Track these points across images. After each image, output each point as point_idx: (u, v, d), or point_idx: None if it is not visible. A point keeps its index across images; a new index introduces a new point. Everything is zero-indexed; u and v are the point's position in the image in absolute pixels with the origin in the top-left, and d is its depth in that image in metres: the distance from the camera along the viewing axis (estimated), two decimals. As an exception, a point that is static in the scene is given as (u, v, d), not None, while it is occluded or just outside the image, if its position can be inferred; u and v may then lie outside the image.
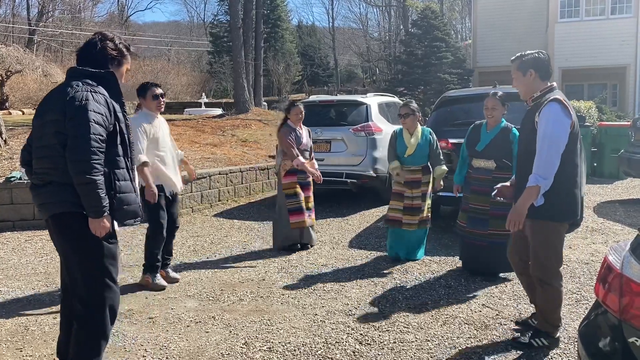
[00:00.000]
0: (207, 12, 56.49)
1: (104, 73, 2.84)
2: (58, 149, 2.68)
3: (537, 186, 3.10)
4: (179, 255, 5.80)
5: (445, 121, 6.77)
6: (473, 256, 4.95)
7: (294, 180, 5.83)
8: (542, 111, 3.16)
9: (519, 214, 3.17)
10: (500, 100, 4.76)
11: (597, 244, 5.93)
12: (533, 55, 3.34)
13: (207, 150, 11.35)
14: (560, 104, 3.15)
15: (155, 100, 4.72)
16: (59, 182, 2.72)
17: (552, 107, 3.14)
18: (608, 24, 18.69)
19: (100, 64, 2.85)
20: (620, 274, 2.06)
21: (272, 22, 37.04)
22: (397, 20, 42.40)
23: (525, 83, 3.34)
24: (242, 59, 17.75)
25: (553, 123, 3.10)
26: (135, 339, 3.67)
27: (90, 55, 2.86)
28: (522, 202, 3.15)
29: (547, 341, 3.39)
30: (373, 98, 9.02)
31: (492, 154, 4.81)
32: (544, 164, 3.09)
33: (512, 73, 3.42)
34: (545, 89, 3.30)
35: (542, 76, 3.31)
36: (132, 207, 2.87)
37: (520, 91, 3.41)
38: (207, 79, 34.65)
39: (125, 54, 2.96)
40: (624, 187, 10.29)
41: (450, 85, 21.23)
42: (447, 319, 3.96)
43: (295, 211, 5.80)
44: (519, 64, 3.35)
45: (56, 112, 2.70)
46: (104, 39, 2.90)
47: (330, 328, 3.81)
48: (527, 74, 3.31)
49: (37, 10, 34.57)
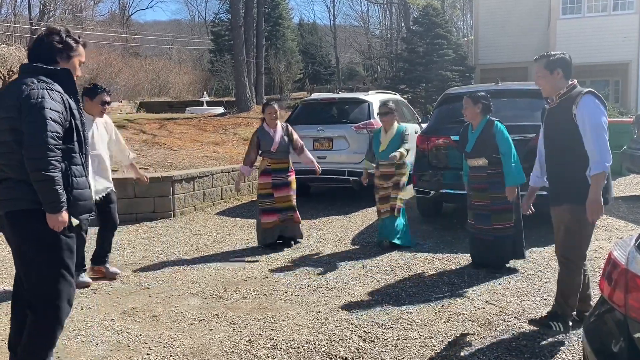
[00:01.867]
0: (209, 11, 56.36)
1: (58, 70, 2.84)
2: (13, 146, 2.70)
3: (602, 172, 3.27)
4: (181, 254, 5.81)
5: (447, 118, 6.77)
6: (481, 251, 5.05)
7: (268, 181, 5.87)
8: (581, 103, 3.35)
9: (597, 204, 3.29)
10: (471, 99, 4.90)
11: (600, 241, 5.92)
12: (560, 55, 3.52)
13: (209, 149, 11.37)
14: (595, 95, 3.38)
15: (102, 106, 4.73)
16: (15, 178, 2.74)
17: (590, 98, 3.37)
18: (610, 20, 18.64)
19: (48, 59, 2.85)
20: (626, 270, 2.06)
21: (274, 21, 36.99)
22: (398, 18, 42.31)
23: (551, 81, 3.50)
24: (243, 57, 17.76)
25: (597, 112, 3.33)
26: (139, 337, 3.67)
27: (39, 51, 2.87)
28: (595, 192, 3.29)
29: (562, 326, 3.52)
30: (375, 96, 9.01)
31: (480, 152, 4.91)
32: (601, 151, 3.27)
33: (536, 71, 3.58)
34: (569, 85, 3.49)
35: (566, 75, 3.49)
36: (87, 202, 2.94)
37: (545, 88, 3.56)
38: (209, 77, 34.65)
39: (73, 46, 2.94)
40: (627, 184, 10.26)
41: (452, 82, 21.17)
42: (450, 315, 3.96)
43: (266, 212, 5.86)
44: (546, 63, 3.51)
45: (11, 110, 2.70)
46: (50, 33, 2.90)
47: (333, 325, 3.81)
48: (554, 73, 3.48)
49: (38, 9, 34.63)
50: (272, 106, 5.93)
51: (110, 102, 4.86)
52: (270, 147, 5.84)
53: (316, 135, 8.30)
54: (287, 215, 5.93)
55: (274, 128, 5.92)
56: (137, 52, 38.99)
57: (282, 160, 5.93)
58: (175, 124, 14.15)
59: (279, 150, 5.89)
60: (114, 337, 3.67)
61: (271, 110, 5.89)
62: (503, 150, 4.77)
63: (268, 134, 5.89)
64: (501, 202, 4.80)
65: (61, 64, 2.89)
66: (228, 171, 8.98)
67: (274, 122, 5.93)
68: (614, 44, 18.29)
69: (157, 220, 7.48)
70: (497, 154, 4.83)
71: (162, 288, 4.70)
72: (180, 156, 10.18)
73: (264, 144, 5.87)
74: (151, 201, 7.63)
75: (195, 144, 11.78)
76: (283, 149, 5.93)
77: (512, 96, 6.80)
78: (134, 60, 32.06)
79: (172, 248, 6.06)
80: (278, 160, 5.90)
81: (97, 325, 3.88)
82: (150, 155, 10.02)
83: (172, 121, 14.62)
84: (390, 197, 5.75)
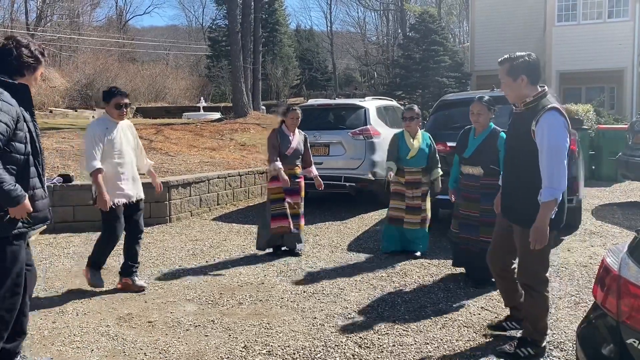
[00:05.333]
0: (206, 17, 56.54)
1: (17, 85, 2.87)
2: None
3: (553, 200, 3.01)
4: (177, 260, 5.80)
5: (443, 124, 6.80)
6: (467, 262, 4.92)
7: (279, 186, 5.83)
8: (542, 120, 3.06)
9: (541, 232, 3.03)
10: (486, 105, 4.64)
11: (595, 247, 5.94)
12: (524, 59, 3.20)
13: (206, 154, 11.37)
14: (559, 112, 3.08)
15: (118, 110, 4.67)
16: None
17: (552, 116, 3.05)
18: (605, 27, 18.76)
19: (15, 71, 2.89)
20: (618, 276, 2.08)
21: (271, 27, 37.13)
22: (395, 24, 42.49)
23: (515, 89, 3.21)
24: (240, 63, 17.81)
25: (556, 134, 3.03)
26: (135, 342, 3.67)
27: (6, 62, 2.89)
28: (542, 219, 3.02)
29: (533, 350, 3.32)
30: (371, 102, 9.04)
31: (479, 160, 4.71)
32: (554, 176, 3.01)
33: (500, 77, 3.28)
34: (537, 94, 3.19)
35: (532, 81, 3.18)
36: (42, 213, 3.00)
37: (510, 96, 3.29)
38: (206, 83, 34.72)
39: (40, 60, 2.99)
40: (622, 190, 10.31)
41: (448, 88, 21.29)
42: (446, 322, 3.96)
43: (278, 217, 5.82)
44: (508, 69, 3.21)
45: None
46: (19, 45, 2.92)
47: (329, 331, 3.81)
48: (517, 80, 3.17)
49: (35, 15, 34.62)
50: (295, 111, 5.90)
51: (128, 104, 4.77)
52: (286, 151, 5.82)
53: (313, 141, 8.27)
54: (295, 223, 5.87)
55: (292, 132, 5.92)
56: (134, 58, 39.06)
57: (294, 165, 5.91)
58: (171, 130, 14.15)
59: (293, 155, 5.88)
60: (109, 343, 3.67)
61: (294, 115, 5.85)
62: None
63: (287, 137, 5.86)
64: (491, 216, 4.33)
65: (27, 76, 2.93)
66: (224, 177, 8.99)
67: (294, 127, 5.91)
68: (609, 51, 18.40)
69: (153, 225, 7.47)
70: (495, 165, 4.62)
71: (158, 294, 4.70)
72: (177, 161, 10.18)
73: (282, 147, 5.82)
74: (147, 206, 7.60)
75: (191, 150, 11.78)
76: (297, 154, 5.93)
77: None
78: (130, 65, 32.12)
79: (168, 254, 6.05)
80: (290, 165, 5.87)
81: (93, 331, 3.88)
82: (146, 160, 10.01)
83: (168, 126, 14.63)
84: (421, 209, 5.64)
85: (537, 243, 3.05)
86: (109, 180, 4.56)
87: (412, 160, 5.65)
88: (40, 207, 2.97)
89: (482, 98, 4.69)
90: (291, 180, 5.83)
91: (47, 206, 3.07)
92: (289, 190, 5.83)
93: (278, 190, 5.83)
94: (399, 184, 5.74)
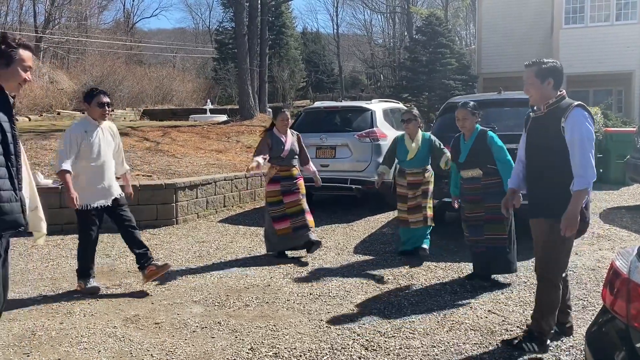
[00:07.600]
0: (212, 19, 56.64)
1: None
2: None
3: (585, 189, 3.22)
4: (184, 261, 5.82)
5: (450, 127, 6.75)
6: (479, 262, 4.96)
7: (276, 189, 5.86)
8: (570, 116, 3.28)
9: (573, 219, 3.21)
10: (470, 111, 4.77)
11: (603, 250, 5.91)
12: (552, 63, 3.41)
13: (213, 156, 11.39)
14: (585, 109, 3.32)
15: (100, 108, 4.65)
16: None
17: (579, 112, 3.29)
18: (613, 30, 18.66)
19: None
20: (628, 279, 2.06)
21: (277, 29, 37.18)
22: (401, 27, 42.49)
23: (542, 90, 3.40)
24: (247, 65, 17.84)
25: (585, 128, 3.26)
26: (142, 344, 3.68)
27: None
28: (574, 207, 3.21)
29: (537, 347, 3.41)
30: (378, 104, 9.04)
31: (475, 163, 4.81)
32: (585, 167, 3.22)
33: (526, 78, 3.45)
34: (559, 96, 3.40)
35: (556, 85, 3.40)
36: (11, 216, 2.79)
37: (534, 97, 3.45)
38: (212, 85, 34.80)
39: (11, 54, 2.81)
40: (630, 193, 10.24)
41: (455, 91, 21.23)
42: (453, 324, 3.95)
43: (278, 219, 5.84)
44: (537, 71, 3.39)
45: None
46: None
47: (336, 334, 3.81)
48: (545, 82, 3.37)
49: (43, 17, 34.78)
50: (284, 113, 5.95)
51: (110, 104, 4.74)
52: (281, 153, 5.84)
53: (319, 143, 8.32)
54: (299, 220, 5.85)
55: (284, 134, 5.94)
56: (141, 60, 39.20)
57: (290, 167, 5.94)
58: (178, 132, 14.18)
59: (289, 156, 5.90)
60: (116, 345, 3.68)
61: (284, 117, 5.90)
62: (499, 157, 4.69)
63: (279, 139, 5.89)
64: (495, 212, 4.58)
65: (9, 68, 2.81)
66: (231, 179, 9.00)
67: (285, 129, 5.94)
68: (617, 54, 18.30)
69: (159, 227, 7.49)
70: (492, 164, 4.74)
71: (165, 295, 4.71)
72: (184, 164, 10.20)
73: (275, 149, 5.85)
74: (154, 208, 7.65)
75: (198, 152, 11.80)
76: (292, 155, 5.95)
77: (514, 105, 6.81)
78: (137, 68, 32.24)
79: (175, 255, 6.07)
80: (287, 167, 5.89)
81: (100, 332, 3.89)
82: (153, 162, 10.04)
83: (175, 129, 14.66)
84: (422, 207, 5.75)
85: (568, 229, 3.22)
86: (86, 183, 4.59)
87: (412, 162, 5.76)
88: (7, 210, 2.76)
89: (466, 104, 4.84)
90: (289, 181, 5.88)
91: (17, 211, 2.82)
92: (286, 191, 5.87)
93: (275, 194, 5.87)
94: (402, 187, 5.86)
